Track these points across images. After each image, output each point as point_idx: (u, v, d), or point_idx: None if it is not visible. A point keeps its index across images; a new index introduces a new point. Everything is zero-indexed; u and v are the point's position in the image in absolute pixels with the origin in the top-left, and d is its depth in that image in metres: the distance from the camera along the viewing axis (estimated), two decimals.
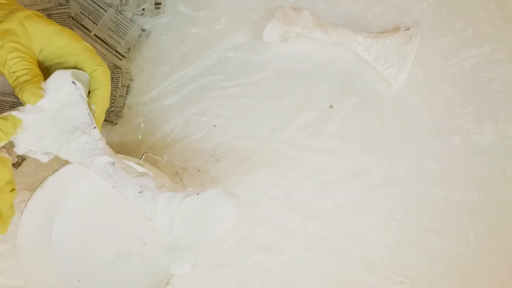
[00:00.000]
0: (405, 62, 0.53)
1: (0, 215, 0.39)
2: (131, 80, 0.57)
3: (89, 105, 0.41)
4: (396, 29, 0.56)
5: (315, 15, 0.54)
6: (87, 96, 0.42)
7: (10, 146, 0.40)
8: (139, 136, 0.56)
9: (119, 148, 0.56)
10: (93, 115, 0.41)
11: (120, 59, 0.56)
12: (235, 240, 0.55)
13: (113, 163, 0.39)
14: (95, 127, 0.40)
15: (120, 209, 0.50)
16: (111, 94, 0.55)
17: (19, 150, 0.40)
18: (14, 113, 0.38)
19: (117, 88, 0.56)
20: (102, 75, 0.42)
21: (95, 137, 0.40)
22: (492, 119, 0.55)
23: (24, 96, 0.38)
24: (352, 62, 0.56)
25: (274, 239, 0.55)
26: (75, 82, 0.40)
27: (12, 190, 0.39)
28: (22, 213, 0.46)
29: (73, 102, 0.40)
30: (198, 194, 0.37)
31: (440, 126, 0.55)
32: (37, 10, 0.56)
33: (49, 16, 0.56)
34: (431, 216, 0.54)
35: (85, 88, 0.42)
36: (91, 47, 0.43)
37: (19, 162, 0.55)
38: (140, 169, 0.43)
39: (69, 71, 0.41)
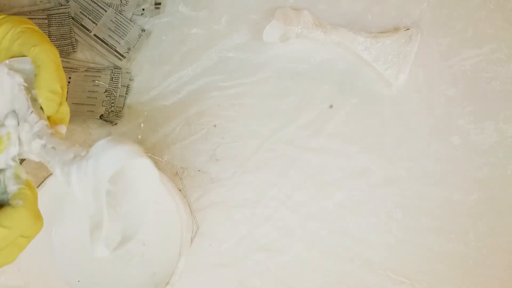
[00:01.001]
0: (405, 62, 0.53)
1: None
2: (131, 80, 0.57)
3: (29, 91, 0.36)
4: (396, 29, 0.56)
5: (315, 15, 0.55)
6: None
7: None
8: (139, 136, 0.56)
9: None
10: (39, 100, 0.36)
11: (120, 59, 0.56)
12: (235, 240, 0.55)
13: (44, 145, 0.34)
14: (31, 112, 0.35)
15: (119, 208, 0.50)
16: (111, 94, 0.55)
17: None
18: None
19: (117, 88, 0.56)
20: (39, 55, 0.36)
21: (32, 122, 0.35)
22: (492, 119, 0.55)
23: None
24: (352, 62, 0.56)
25: (274, 239, 0.55)
26: (9, 72, 0.36)
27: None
28: None
29: (16, 94, 0.36)
30: (86, 154, 0.31)
31: (440, 126, 0.55)
32: (37, 10, 0.56)
33: (49, 16, 0.56)
34: (431, 216, 0.54)
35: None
36: (33, 27, 0.38)
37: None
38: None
39: (3, 63, 0.36)
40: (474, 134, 0.55)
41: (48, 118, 0.37)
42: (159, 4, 0.57)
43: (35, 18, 0.56)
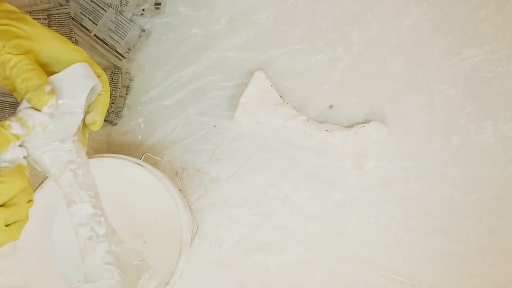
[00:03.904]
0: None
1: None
2: (131, 80, 0.57)
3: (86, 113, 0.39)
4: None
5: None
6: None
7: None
8: (139, 136, 0.56)
9: (119, 148, 0.56)
10: (92, 120, 0.40)
11: (120, 59, 0.56)
12: (235, 240, 0.55)
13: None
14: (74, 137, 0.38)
15: (119, 208, 0.50)
16: (111, 94, 0.55)
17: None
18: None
19: (117, 88, 0.56)
20: (106, 82, 0.40)
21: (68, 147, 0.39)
22: (492, 119, 0.55)
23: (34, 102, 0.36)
24: (352, 62, 0.56)
25: (274, 239, 0.55)
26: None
27: (29, 201, 0.37)
28: None
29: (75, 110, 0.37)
30: None
31: (440, 126, 0.55)
32: (38, 11, 0.56)
33: (49, 16, 0.56)
34: (431, 216, 0.54)
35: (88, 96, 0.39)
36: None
37: None
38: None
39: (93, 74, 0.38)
40: (474, 134, 0.55)
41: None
42: (159, 4, 0.57)
43: (35, 18, 0.56)
